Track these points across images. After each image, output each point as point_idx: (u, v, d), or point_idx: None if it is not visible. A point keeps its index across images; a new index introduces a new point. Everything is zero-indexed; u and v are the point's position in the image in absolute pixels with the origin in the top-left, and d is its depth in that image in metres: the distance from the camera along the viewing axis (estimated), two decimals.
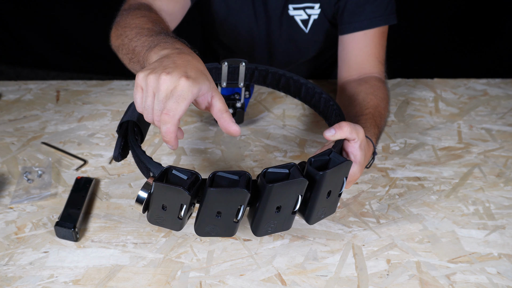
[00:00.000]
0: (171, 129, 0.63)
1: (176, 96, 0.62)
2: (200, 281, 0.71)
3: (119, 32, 0.85)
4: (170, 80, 0.62)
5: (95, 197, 0.86)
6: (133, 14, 0.87)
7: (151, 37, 0.76)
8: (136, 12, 0.88)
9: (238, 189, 0.63)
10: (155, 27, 0.81)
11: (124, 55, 0.84)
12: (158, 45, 0.71)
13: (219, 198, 0.64)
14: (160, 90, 0.62)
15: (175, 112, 0.62)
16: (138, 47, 0.76)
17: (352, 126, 0.73)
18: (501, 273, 0.73)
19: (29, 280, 0.71)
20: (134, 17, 0.85)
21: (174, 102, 0.62)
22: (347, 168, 0.71)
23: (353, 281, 0.71)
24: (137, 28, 0.81)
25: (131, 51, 0.79)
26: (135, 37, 0.79)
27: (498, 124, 1.08)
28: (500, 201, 0.87)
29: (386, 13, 1.04)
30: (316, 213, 0.71)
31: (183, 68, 0.63)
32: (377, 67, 1.05)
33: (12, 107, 1.11)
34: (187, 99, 0.62)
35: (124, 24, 0.85)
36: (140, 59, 0.75)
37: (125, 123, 0.76)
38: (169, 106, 0.62)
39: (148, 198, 0.65)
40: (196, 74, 0.64)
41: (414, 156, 0.98)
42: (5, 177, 0.90)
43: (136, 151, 0.70)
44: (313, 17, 1.11)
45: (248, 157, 0.97)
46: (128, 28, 0.83)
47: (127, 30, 0.82)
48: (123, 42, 0.82)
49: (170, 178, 0.65)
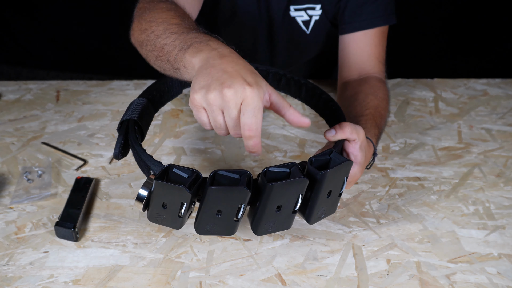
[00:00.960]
0: (258, 141, 0.62)
1: (250, 110, 0.60)
2: (200, 281, 0.71)
3: (143, 26, 0.80)
4: (235, 95, 0.59)
5: (95, 197, 0.86)
6: (158, 8, 0.82)
7: (182, 35, 0.72)
8: (161, 6, 0.83)
9: (239, 188, 0.63)
10: (183, 22, 0.77)
11: (149, 52, 0.79)
12: (192, 46, 0.68)
13: (219, 197, 0.64)
14: (229, 107, 0.60)
15: (257, 125, 0.61)
16: (168, 45, 0.72)
17: (352, 127, 0.73)
18: (501, 273, 0.73)
19: (29, 280, 0.71)
20: (159, 11, 0.81)
21: (251, 116, 0.60)
22: (348, 168, 0.71)
23: (353, 281, 0.71)
24: (164, 24, 0.76)
25: (158, 49, 0.75)
26: (163, 34, 0.74)
27: (498, 124, 1.08)
28: (500, 201, 0.87)
29: (386, 13, 1.04)
30: (317, 213, 0.71)
31: (238, 75, 0.61)
32: (377, 67, 1.05)
33: (12, 107, 1.11)
34: (261, 108, 0.61)
35: (150, 18, 0.80)
36: (170, 59, 0.71)
37: (126, 121, 0.76)
38: (249, 121, 0.60)
39: (148, 196, 0.65)
40: (252, 76, 0.62)
41: (414, 156, 0.98)
42: (5, 177, 0.90)
43: (136, 150, 0.70)
44: (315, 18, 1.11)
45: (248, 157, 0.97)
46: (155, 23, 0.78)
47: (154, 25, 0.78)
48: (149, 38, 0.78)
49: (171, 176, 0.65)
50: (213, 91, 0.60)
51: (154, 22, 0.78)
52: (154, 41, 0.76)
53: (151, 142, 1.00)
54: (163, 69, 0.76)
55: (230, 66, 0.62)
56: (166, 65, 0.74)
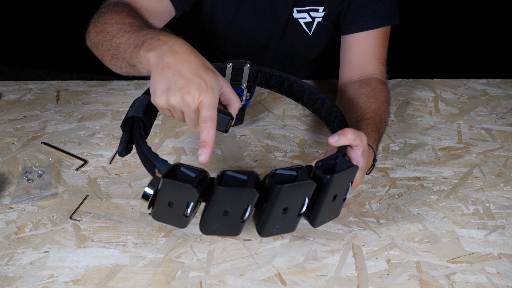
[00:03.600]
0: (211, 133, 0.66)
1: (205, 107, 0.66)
2: (200, 281, 0.71)
3: (98, 28, 0.85)
4: (193, 100, 0.66)
5: (95, 197, 0.86)
6: (112, 10, 0.87)
7: (135, 33, 0.76)
8: (114, 8, 0.87)
9: (247, 189, 0.63)
10: (135, 21, 0.81)
11: (105, 51, 0.83)
12: (145, 42, 0.72)
13: (227, 197, 0.64)
14: (189, 112, 0.67)
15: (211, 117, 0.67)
16: (123, 44, 0.77)
17: (355, 133, 0.73)
18: (501, 273, 0.73)
19: (29, 280, 0.71)
20: (113, 13, 0.85)
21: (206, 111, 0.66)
22: (353, 173, 0.71)
23: (353, 281, 0.72)
24: (118, 24, 0.81)
25: (114, 48, 0.79)
26: (117, 33, 0.79)
27: (498, 124, 1.08)
28: (500, 201, 0.87)
29: (389, 14, 1.04)
30: (321, 216, 0.71)
31: (193, 79, 0.66)
32: (378, 68, 1.05)
33: (12, 107, 1.11)
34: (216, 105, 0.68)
35: (104, 21, 0.85)
36: (126, 56, 0.76)
37: (130, 118, 0.76)
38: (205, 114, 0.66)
39: (154, 195, 0.65)
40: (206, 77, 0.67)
41: (414, 156, 0.98)
42: (5, 177, 0.90)
43: (142, 147, 0.70)
44: (317, 19, 1.11)
45: (248, 157, 0.97)
46: (109, 24, 0.83)
47: (108, 26, 0.82)
48: (104, 39, 0.82)
49: (179, 175, 0.65)
50: (173, 96, 0.67)
51: (108, 23, 0.83)
52: (109, 41, 0.80)
53: (151, 142, 1.00)
54: (119, 67, 0.81)
55: (184, 67, 0.67)
56: (122, 62, 0.78)
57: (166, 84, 0.67)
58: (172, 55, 0.68)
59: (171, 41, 0.70)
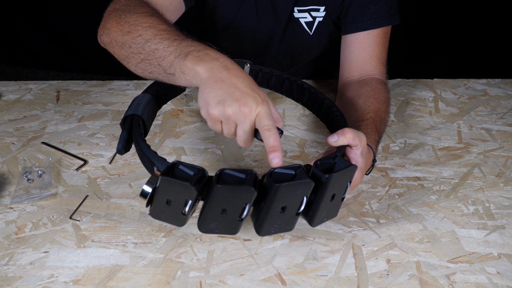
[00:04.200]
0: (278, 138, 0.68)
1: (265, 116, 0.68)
2: (200, 281, 0.71)
3: (125, 28, 0.82)
4: (250, 111, 0.67)
5: (95, 197, 0.86)
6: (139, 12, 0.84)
7: (175, 42, 0.75)
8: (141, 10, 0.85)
9: (245, 187, 0.63)
10: (171, 29, 0.80)
11: (133, 54, 0.80)
12: (190, 54, 0.72)
13: (226, 195, 0.64)
14: (245, 123, 0.68)
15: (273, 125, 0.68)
16: (160, 51, 0.75)
17: (355, 133, 0.74)
18: (501, 273, 0.73)
19: (29, 280, 0.71)
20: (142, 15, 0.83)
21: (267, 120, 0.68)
22: (352, 173, 0.71)
23: (353, 281, 0.72)
24: (152, 29, 0.79)
25: (147, 52, 0.78)
26: (153, 39, 0.77)
27: (498, 124, 1.08)
28: (500, 201, 0.87)
29: (389, 14, 1.04)
30: (319, 216, 0.71)
31: (249, 93, 0.68)
32: (378, 68, 1.05)
33: (12, 107, 1.11)
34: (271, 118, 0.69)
35: (133, 22, 0.82)
36: (163, 63, 0.75)
37: (130, 116, 0.75)
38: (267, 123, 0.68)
39: (152, 192, 0.65)
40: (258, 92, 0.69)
41: (414, 156, 0.98)
42: (5, 177, 0.90)
43: (141, 145, 0.70)
44: (318, 19, 1.11)
45: (248, 157, 0.97)
46: (141, 27, 0.80)
47: (140, 29, 0.80)
48: (134, 41, 0.80)
49: (177, 173, 0.65)
50: (230, 107, 0.67)
51: (140, 26, 0.81)
52: (142, 45, 0.79)
53: (151, 142, 1.00)
54: (149, 71, 0.79)
55: (239, 81, 0.69)
56: (155, 68, 0.77)
57: (221, 96, 0.67)
58: (226, 71, 0.69)
59: (222, 58, 0.71)
